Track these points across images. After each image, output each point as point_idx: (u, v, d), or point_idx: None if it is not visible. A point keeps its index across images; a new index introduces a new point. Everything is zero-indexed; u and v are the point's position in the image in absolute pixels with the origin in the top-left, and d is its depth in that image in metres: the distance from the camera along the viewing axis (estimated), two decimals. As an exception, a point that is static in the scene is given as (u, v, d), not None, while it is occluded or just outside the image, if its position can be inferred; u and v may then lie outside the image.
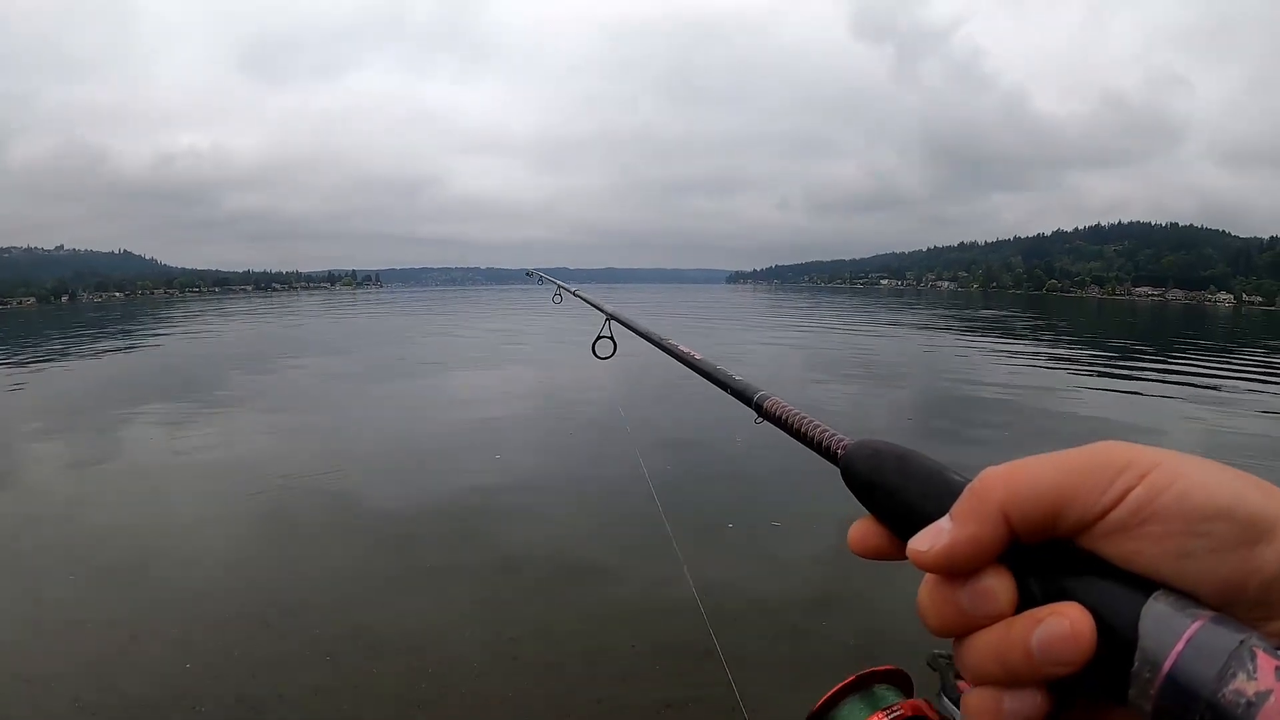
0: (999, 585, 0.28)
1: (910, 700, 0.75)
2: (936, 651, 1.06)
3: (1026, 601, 0.27)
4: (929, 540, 0.29)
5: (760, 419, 0.58)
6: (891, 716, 0.73)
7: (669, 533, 2.30)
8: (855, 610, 3.88)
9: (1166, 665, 0.23)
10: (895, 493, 0.34)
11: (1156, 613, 0.24)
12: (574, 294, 1.75)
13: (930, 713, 0.74)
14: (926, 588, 0.29)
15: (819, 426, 0.46)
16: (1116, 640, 0.25)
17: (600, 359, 1.28)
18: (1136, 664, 0.24)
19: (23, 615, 3.87)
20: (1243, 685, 0.22)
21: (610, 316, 1.29)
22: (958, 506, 0.29)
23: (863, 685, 0.79)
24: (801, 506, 5.29)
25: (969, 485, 0.30)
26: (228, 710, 3.02)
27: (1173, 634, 0.23)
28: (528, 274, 2.33)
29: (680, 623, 3.71)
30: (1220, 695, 0.22)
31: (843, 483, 0.38)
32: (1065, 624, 0.25)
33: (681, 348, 0.83)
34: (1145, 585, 0.25)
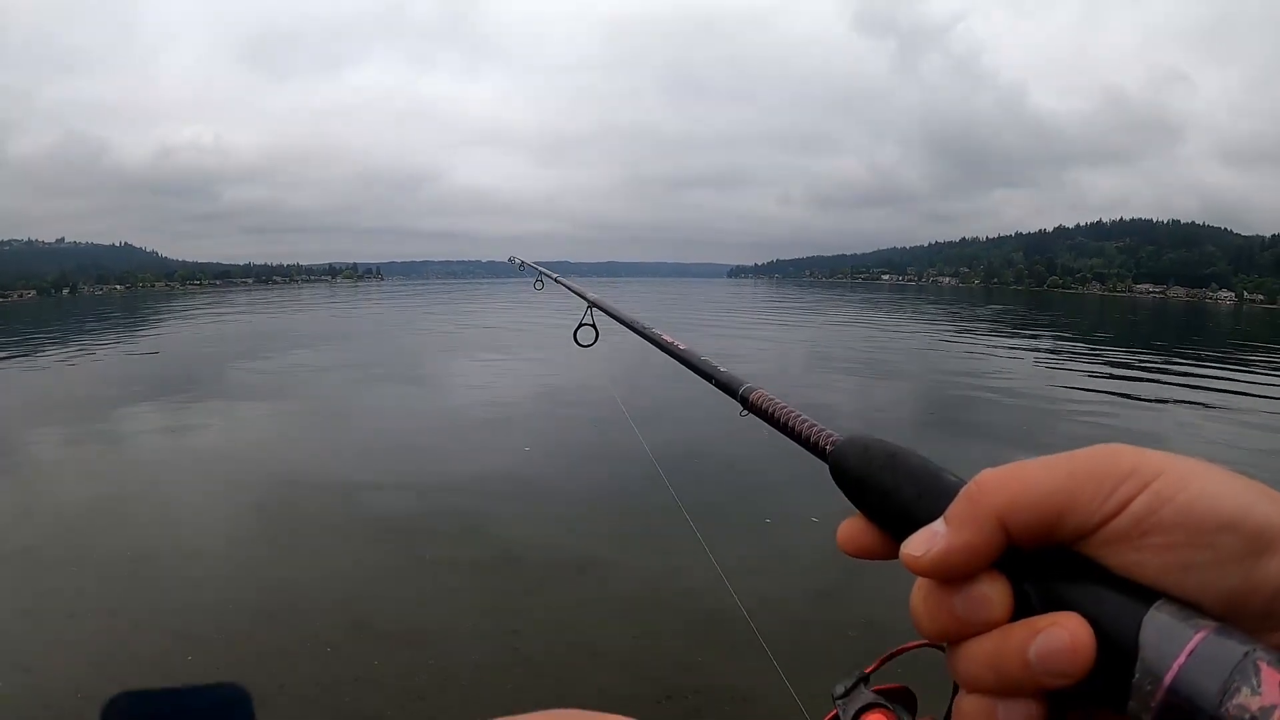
0: (994, 592, 0.27)
1: None
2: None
3: (1023, 609, 0.27)
4: (923, 545, 0.28)
5: (745, 412, 0.56)
6: None
7: (692, 528, 2.27)
8: (869, 604, 3.88)
9: (1168, 678, 0.23)
10: (888, 493, 0.33)
11: (1158, 623, 0.24)
12: (556, 280, 1.70)
13: None
14: (920, 592, 0.29)
15: (806, 421, 0.45)
16: (1117, 651, 0.24)
17: (582, 346, 1.26)
18: (1137, 675, 0.23)
19: (24, 606, 3.88)
20: (1246, 700, 0.21)
21: (592, 304, 1.26)
22: (952, 510, 0.28)
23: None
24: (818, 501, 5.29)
25: (964, 489, 0.29)
26: (228, 701, 3.03)
27: (1175, 645, 0.23)
28: (510, 261, 2.25)
29: (683, 614, 3.73)
30: (1223, 710, 0.21)
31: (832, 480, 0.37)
32: (1064, 635, 0.24)
33: (665, 337, 0.79)
34: (1147, 594, 0.25)
